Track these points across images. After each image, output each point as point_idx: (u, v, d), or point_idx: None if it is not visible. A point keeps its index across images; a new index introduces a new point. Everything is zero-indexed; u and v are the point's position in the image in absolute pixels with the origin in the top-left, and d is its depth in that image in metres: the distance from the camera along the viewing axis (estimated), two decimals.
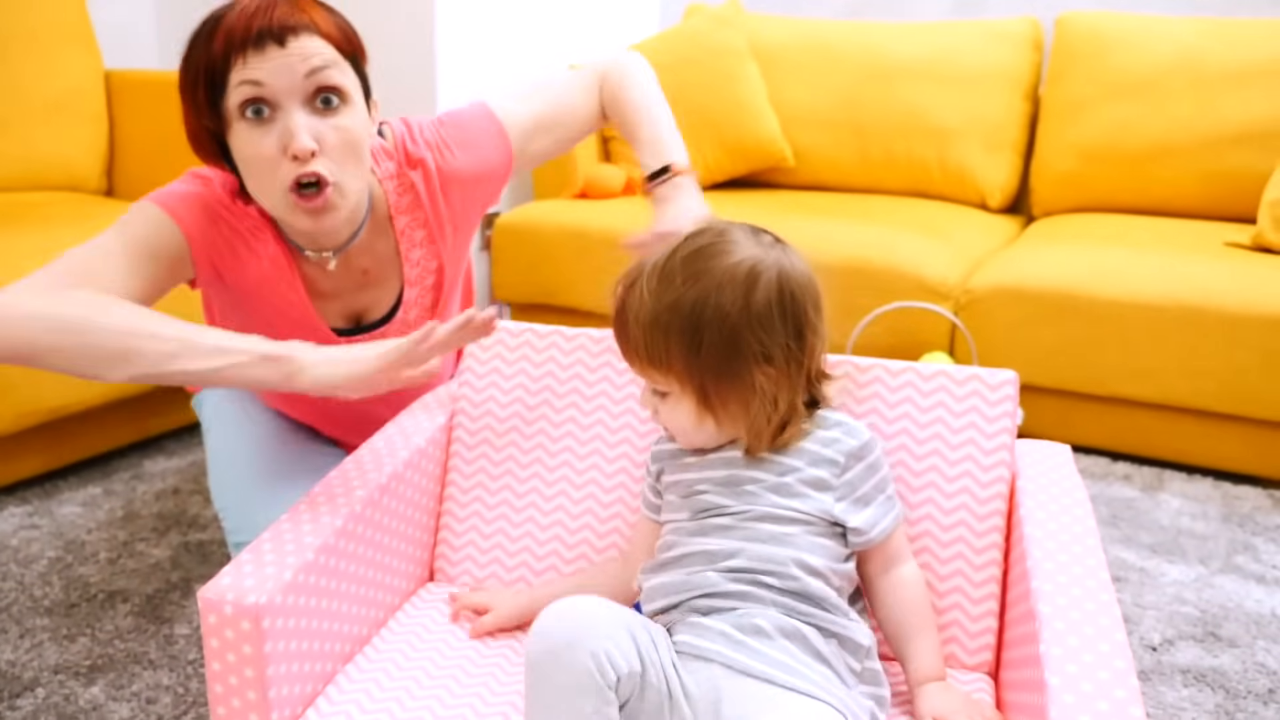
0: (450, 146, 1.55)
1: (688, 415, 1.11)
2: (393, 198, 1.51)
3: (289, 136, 1.27)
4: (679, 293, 1.07)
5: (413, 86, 3.13)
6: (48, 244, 2.25)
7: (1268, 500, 2.33)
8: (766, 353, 1.07)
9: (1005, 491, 1.19)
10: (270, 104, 1.27)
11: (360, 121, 1.34)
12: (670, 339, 1.07)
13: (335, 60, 1.30)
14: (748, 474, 1.11)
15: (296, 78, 1.26)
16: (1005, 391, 1.21)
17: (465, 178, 1.56)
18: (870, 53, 3.32)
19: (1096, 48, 3.07)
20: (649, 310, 1.08)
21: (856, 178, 3.37)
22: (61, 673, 1.68)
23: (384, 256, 1.53)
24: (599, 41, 3.74)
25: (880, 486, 1.12)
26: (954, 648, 1.18)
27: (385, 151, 1.51)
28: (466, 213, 1.59)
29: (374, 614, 1.23)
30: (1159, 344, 2.39)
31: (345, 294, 1.53)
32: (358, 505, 1.17)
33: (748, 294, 1.06)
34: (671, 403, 1.11)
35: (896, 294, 2.59)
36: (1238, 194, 2.86)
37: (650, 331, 1.08)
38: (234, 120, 1.28)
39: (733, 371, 1.07)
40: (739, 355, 1.07)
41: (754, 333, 1.06)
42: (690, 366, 1.07)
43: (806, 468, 1.10)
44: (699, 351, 1.06)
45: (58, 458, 2.34)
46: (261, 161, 1.29)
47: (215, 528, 2.14)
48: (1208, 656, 1.76)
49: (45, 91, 2.84)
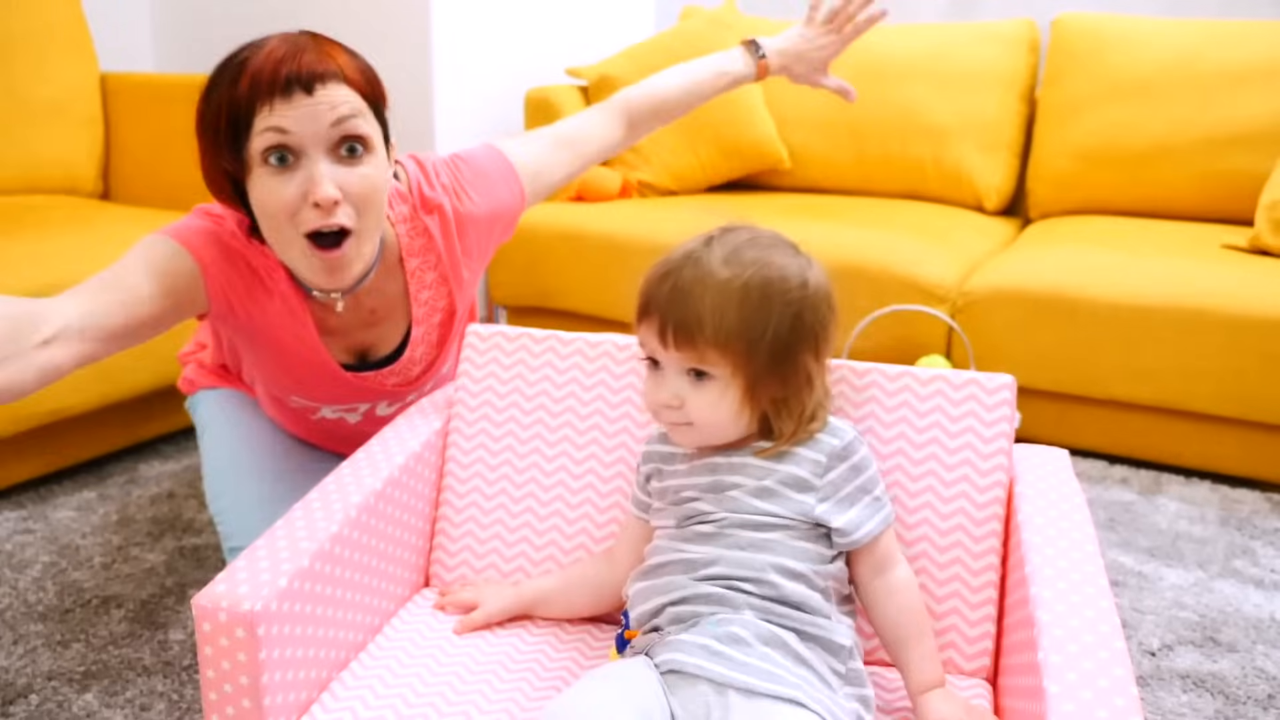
0: (466, 190, 1.54)
1: (730, 403, 1.08)
2: (404, 240, 1.50)
3: (312, 184, 1.25)
4: (751, 270, 1.06)
5: (408, 90, 3.13)
6: (43, 247, 2.26)
7: (1266, 504, 2.32)
8: (818, 344, 1.10)
9: (1003, 496, 1.18)
10: (294, 152, 1.26)
11: (382, 170, 1.33)
12: (741, 314, 1.05)
13: (361, 109, 1.29)
14: (731, 479, 1.10)
15: (322, 127, 1.25)
16: (1002, 396, 1.21)
17: (480, 219, 1.56)
18: (866, 54, 3.30)
19: (1093, 49, 3.06)
20: (720, 282, 1.06)
21: (852, 180, 3.37)
22: (55, 679, 1.67)
23: (392, 297, 1.52)
24: (595, 44, 3.74)
25: (865, 487, 1.10)
26: (952, 653, 1.17)
27: (399, 195, 1.49)
28: (482, 252, 1.60)
29: (370, 620, 1.22)
30: (1156, 346, 2.39)
31: (352, 332, 1.53)
32: (354, 511, 1.17)
33: (803, 285, 1.08)
34: (714, 388, 1.08)
35: (893, 297, 2.59)
36: (1235, 196, 2.85)
37: (720, 304, 1.05)
38: (255, 165, 1.27)
39: (789, 358, 1.08)
40: (798, 342, 1.08)
41: (813, 321, 1.09)
42: (752, 347, 1.06)
43: (789, 468, 1.09)
44: (764, 333, 1.06)
45: (52, 462, 2.34)
46: (281, 208, 1.27)
47: (210, 532, 2.13)
48: (1207, 661, 1.76)
49: (41, 94, 2.83)
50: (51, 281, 2.14)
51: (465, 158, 1.58)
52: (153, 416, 2.50)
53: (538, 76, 3.49)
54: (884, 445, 1.22)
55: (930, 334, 2.59)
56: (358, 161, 1.29)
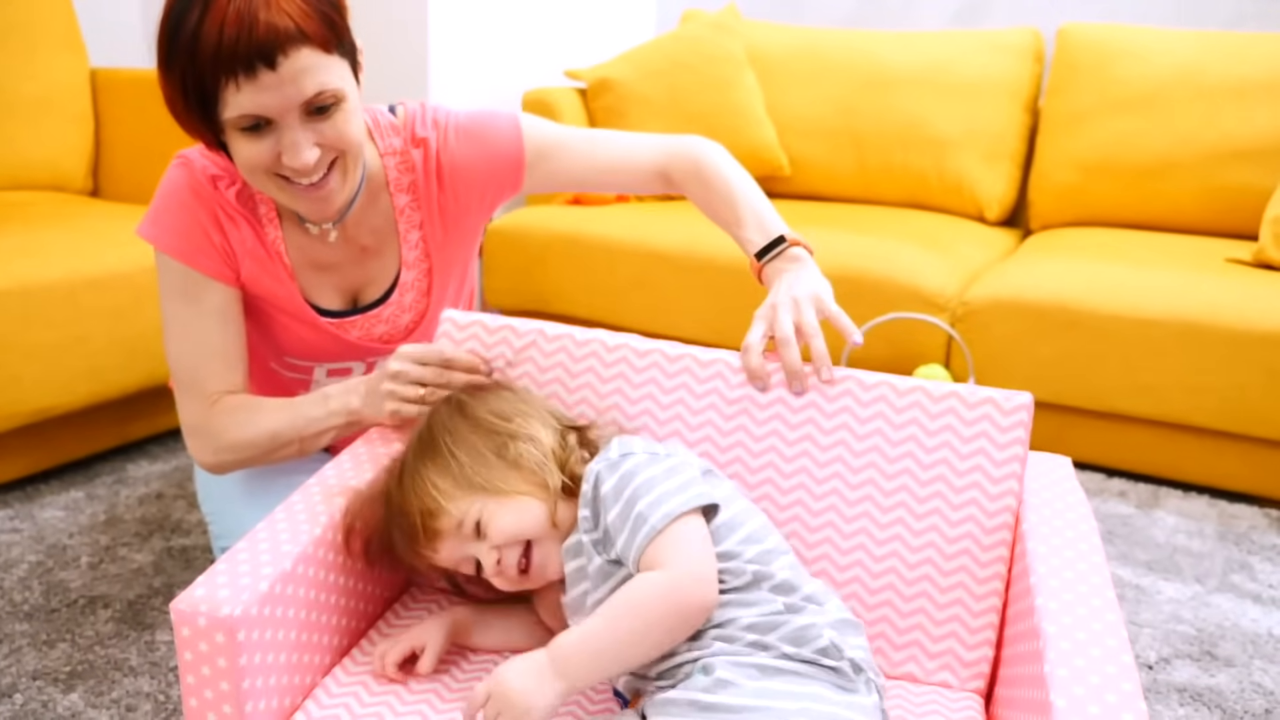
0: (452, 132, 1.52)
1: (546, 531, 1.11)
2: (393, 174, 1.51)
3: (289, 151, 1.28)
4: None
5: (405, 90, 3.11)
6: (31, 244, 2.23)
7: (1264, 519, 2.30)
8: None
9: (1012, 521, 1.15)
10: (266, 120, 1.26)
11: (355, 111, 1.34)
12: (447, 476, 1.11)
13: (325, 66, 1.27)
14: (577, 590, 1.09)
15: (291, 101, 1.25)
16: (1019, 417, 1.16)
17: (461, 167, 1.53)
18: (869, 62, 3.30)
19: (1098, 60, 3.04)
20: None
21: (853, 188, 3.35)
22: (40, 679, 1.65)
23: (382, 231, 1.53)
24: (595, 46, 3.72)
25: (625, 508, 1.05)
26: (946, 674, 1.15)
27: (393, 127, 1.51)
28: (460, 211, 1.56)
29: (355, 624, 1.20)
30: (1158, 360, 2.37)
31: (344, 268, 1.53)
32: (338, 513, 1.14)
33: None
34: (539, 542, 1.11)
35: (892, 305, 2.57)
36: (1239, 210, 2.83)
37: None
38: (229, 129, 1.28)
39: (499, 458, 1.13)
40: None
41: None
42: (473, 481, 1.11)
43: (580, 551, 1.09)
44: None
45: (40, 461, 2.31)
46: (259, 165, 1.31)
47: (199, 533, 2.11)
48: (1204, 676, 1.73)
49: (30, 90, 2.80)
50: (39, 280, 2.13)
51: (472, 111, 1.56)
52: (142, 416, 2.47)
53: (536, 78, 3.47)
54: (890, 464, 1.18)
55: (930, 343, 2.57)
56: (329, 115, 1.30)
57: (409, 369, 1.28)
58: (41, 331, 2.14)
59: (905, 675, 1.17)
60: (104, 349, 2.25)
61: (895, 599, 1.17)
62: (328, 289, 1.53)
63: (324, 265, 1.51)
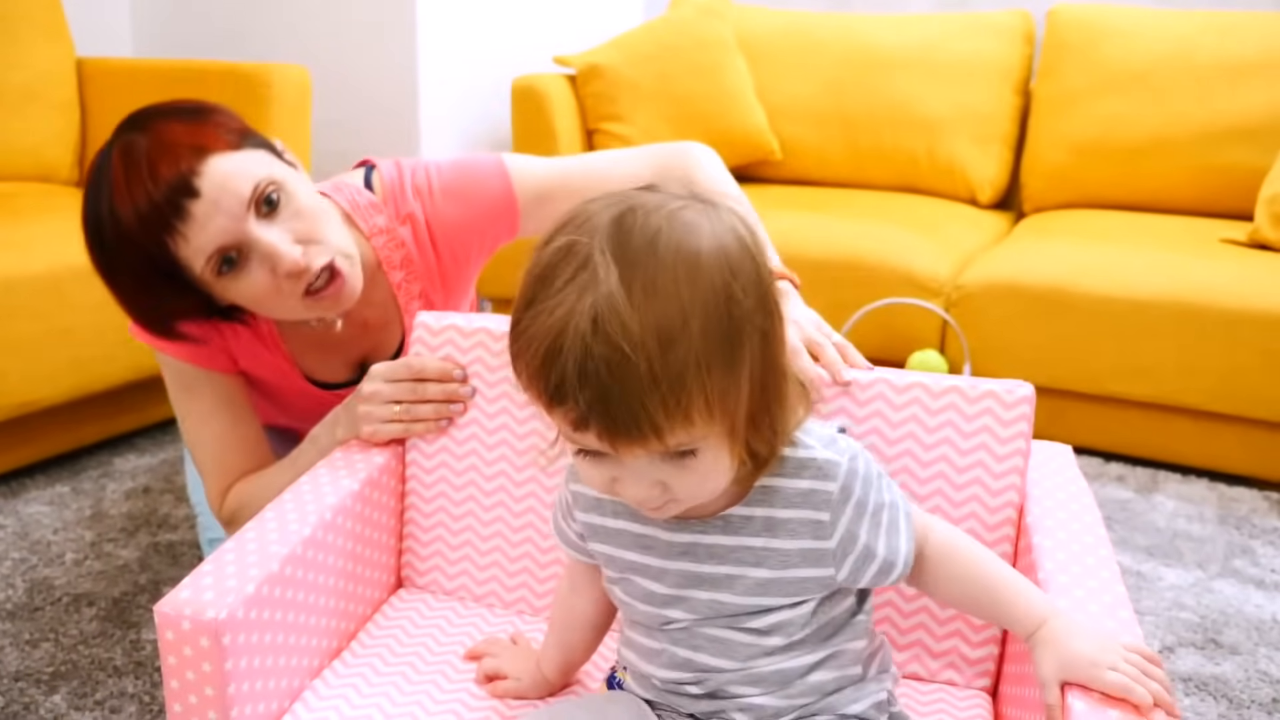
0: (439, 196, 1.48)
1: (726, 468, 0.82)
2: (384, 253, 1.46)
3: (273, 261, 1.23)
4: (684, 295, 0.74)
5: (394, 79, 3.08)
6: (16, 236, 2.20)
7: (1264, 502, 2.28)
8: (775, 321, 0.81)
9: (1014, 517, 1.11)
10: (235, 250, 1.22)
11: (306, 190, 1.29)
12: (704, 364, 0.74)
13: (243, 161, 1.22)
14: (717, 571, 0.90)
15: (237, 210, 1.20)
16: (1021, 410, 1.11)
17: (453, 229, 1.49)
18: (859, 45, 3.27)
19: (1089, 40, 3.03)
20: (652, 339, 0.73)
21: (844, 171, 3.32)
22: (22, 680, 1.62)
23: (383, 305, 1.49)
24: (583, 32, 3.69)
25: (877, 517, 0.90)
26: (951, 673, 1.13)
27: (373, 206, 1.45)
28: (458, 269, 1.53)
29: (344, 625, 1.17)
30: (1154, 342, 2.35)
31: (348, 344, 1.50)
32: (328, 513, 1.11)
33: (743, 249, 0.79)
34: (701, 463, 0.80)
35: (886, 290, 2.54)
36: (1234, 190, 2.81)
37: (665, 369, 0.73)
38: (211, 285, 1.24)
39: (772, 366, 0.80)
40: (779, 354, 0.81)
41: (768, 292, 0.80)
42: (728, 395, 0.77)
43: (785, 542, 0.89)
44: (738, 366, 0.77)
45: (24, 455, 2.28)
46: (265, 295, 1.26)
47: (186, 528, 2.08)
48: (1209, 664, 1.71)
49: (15, 79, 2.76)
50: (24, 271, 2.10)
51: (456, 163, 1.51)
52: (128, 409, 2.44)
53: (525, 64, 3.43)
54: (891, 462, 1.14)
55: (924, 328, 2.55)
56: (281, 208, 1.25)
57: (381, 389, 1.24)
58: (26, 323, 2.11)
59: (910, 675, 1.15)
60: (90, 341, 2.22)
61: (897, 598, 1.14)
62: (333, 364, 1.51)
63: (327, 346, 1.49)
